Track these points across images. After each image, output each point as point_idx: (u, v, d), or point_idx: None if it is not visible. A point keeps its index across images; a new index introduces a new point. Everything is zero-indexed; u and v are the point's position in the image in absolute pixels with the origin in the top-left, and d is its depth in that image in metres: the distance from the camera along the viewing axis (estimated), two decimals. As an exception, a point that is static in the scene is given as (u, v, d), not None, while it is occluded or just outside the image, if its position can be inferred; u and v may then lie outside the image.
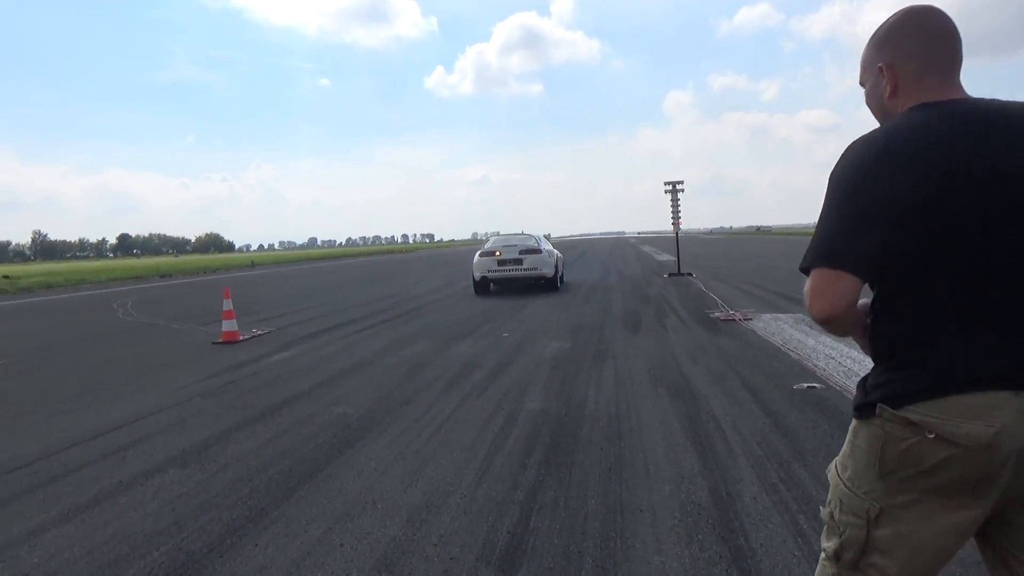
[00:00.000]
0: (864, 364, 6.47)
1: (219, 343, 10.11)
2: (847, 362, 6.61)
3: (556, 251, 17.40)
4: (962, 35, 1.59)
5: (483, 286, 16.06)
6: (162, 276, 39.56)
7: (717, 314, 10.53)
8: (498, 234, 17.69)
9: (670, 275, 19.78)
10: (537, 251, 15.64)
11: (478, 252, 16.00)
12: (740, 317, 9.94)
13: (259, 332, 11.00)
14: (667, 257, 34.12)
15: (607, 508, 3.46)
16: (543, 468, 4.07)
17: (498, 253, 15.62)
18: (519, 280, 15.84)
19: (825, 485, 3.50)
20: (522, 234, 17.24)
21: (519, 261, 15.49)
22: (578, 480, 3.86)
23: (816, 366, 6.49)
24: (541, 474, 3.98)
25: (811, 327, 8.85)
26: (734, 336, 8.48)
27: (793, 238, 72.98)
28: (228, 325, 10.32)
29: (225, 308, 10.44)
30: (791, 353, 7.18)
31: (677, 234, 20.35)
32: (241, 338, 10.30)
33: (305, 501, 3.76)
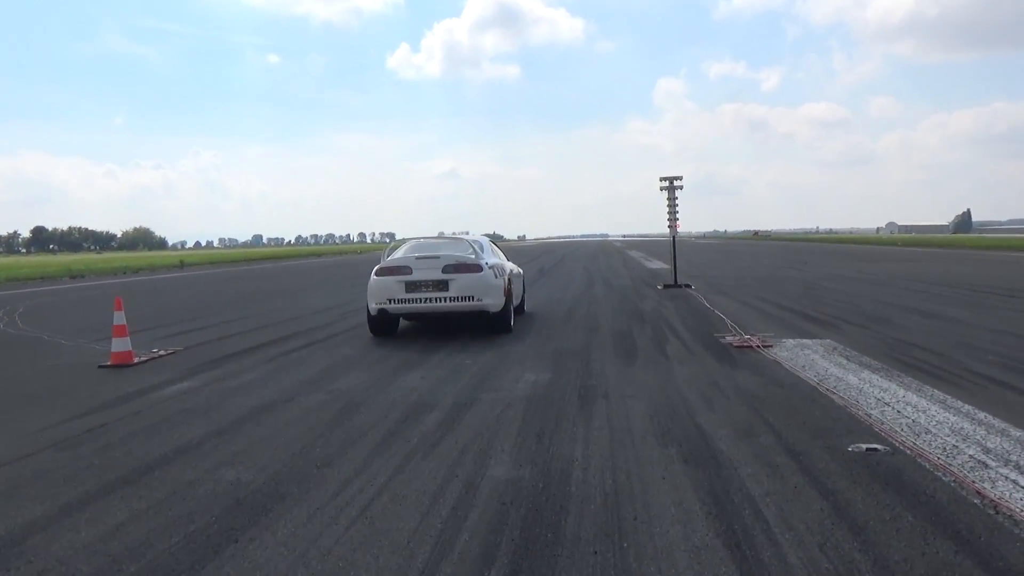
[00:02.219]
0: (930, 414, 5.56)
1: (106, 366, 8.96)
2: (908, 411, 5.69)
3: (511, 265, 12.55)
4: (983, 23, 0.61)
5: (383, 323, 10.83)
6: (73, 277, 37.92)
7: (729, 338, 9.61)
8: (418, 240, 12.16)
9: (665, 286, 18.96)
10: (473, 267, 10.42)
11: (376, 267, 10.77)
12: (758, 343, 9.02)
13: (161, 352, 9.85)
14: (658, 264, 33.42)
15: None
16: (510, 589, 3.05)
17: (408, 270, 10.43)
18: (442, 315, 10.79)
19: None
20: (452, 238, 12.04)
21: (442, 285, 10.25)
22: (562, 614, 2.84)
23: (870, 416, 5.55)
24: (507, 600, 2.96)
25: (848, 358, 7.96)
26: (754, 369, 7.54)
27: (795, 244, 73.08)
28: (119, 344, 9.16)
29: (116, 322, 9.27)
30: (832, 396, 6.25)
31: (674, 238, 19.51)
32: (136, 360, 9.16)
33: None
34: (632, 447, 4.99)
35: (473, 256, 10.68)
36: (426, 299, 10.25)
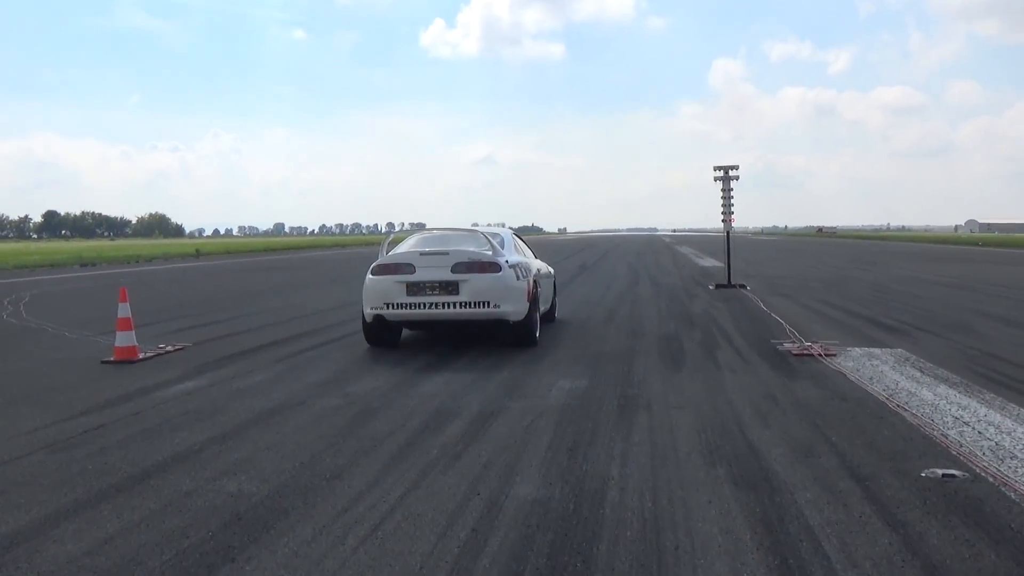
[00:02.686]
0: (1016, 436, 5.33)
1: (109, 362, 9.01)
2: (990, 432, 5.46)
3: (538, 263, 11.33)
4: None
5: (380, 331, 9.62)
6: (83, 264, 38.63)
7: (787, 345, 9.39)
8: (425, 232, 11.13)
9: (717, 286, 18.72)
10: (490, 266, 9.19)
11: (373, 264, 9.62)
12: (820, 351, 8.79)
13: (168, 348, 9.90)
14: (711, 262, 33.08)
15: None
16: (532, 626, 2.93)
17: (411, 269, 9.25)
18: (451, 323, 9.58)
19: None
20: (466, 231, 10.81)
21: (451, 287, 9.04)
22: (590, 658, 2.71)
23: (947, 437, 5.33)
24: (528, 639, 2.84)
25: (923, 370, 7.71)
26: (816, 381, 7.33)
27: (864, 242, 71.94)
28: (123, 338, 9.21)
29: (120, 314, 9.33)
30: (904, 412, 6.03)
31: (728, 233, 19.23)
32: (141, 356, 9.20)
33: None
34: (676, 466, 4.84)
35: (490, 252, 9.38)
36: (431, 304, 9.03)
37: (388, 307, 9.18)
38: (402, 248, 10.07)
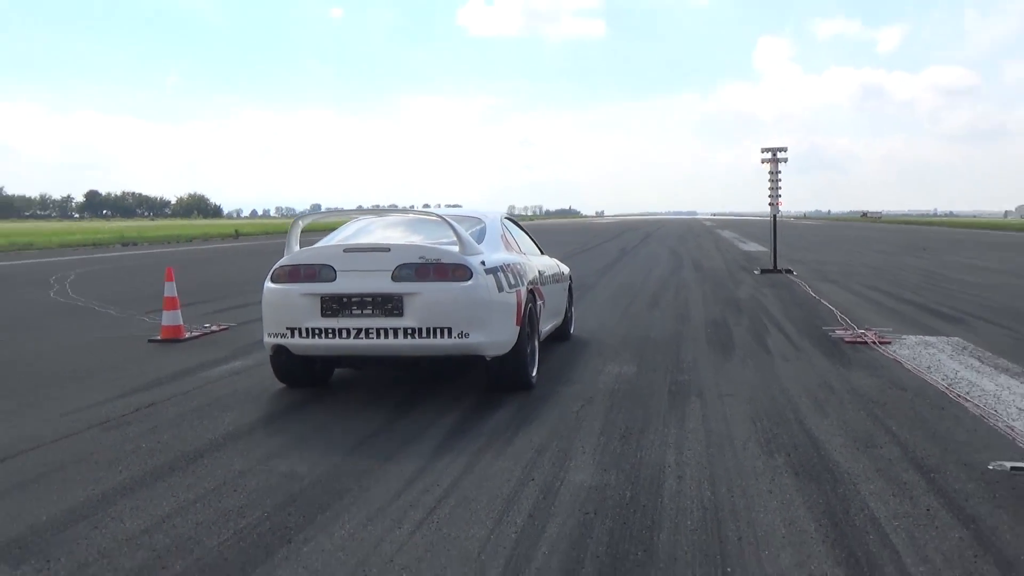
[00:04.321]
0: (1086, 428, 5.18)
1: (157, 341, 9.13)
2: (1058, 424, 5.32)
3: (541, 262, 8.07)
4: None
5: (289, 367, 6.41)
6: (125, 244, 39.25)
7: (839, 332, 9.24)
8: (365, 214, 7.79)
9: (762, 271, 18.52)
10: (454, 270, 5.90)
11: (274, 267, 6.42)
12: (874, 339, 8.64)
13: (214, 328, 10.00)
14: (755, 247, 32.73)
15: None
16: (596, 615, 2.90)
17: (329, 274, 5.99)
18: (386, 360, 6.43)
19: None
20: (426, 216, 7.05)
21: (391, 303, 5.82)
22: (658, 649, 2.68)
23: (1012, 429, 5.20)
24: (592, 628, 2.81)
25: (981, 359, 7.54)
26: (871, 369, 7.19)
27: (911, 228, 70.72)
28: (170, 317, 9.31)
29: (167, 293, 9.44)
30: (965, 403, 5.90)
31: (775, 217, 18.99)
32: (187, 335, 9.31)
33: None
34: (733, 454, 4.78)
35: (455, 248, 6.04)
36: (360, 331, 5.79)
37: (293, 334, 5.93)
38: (322, 241, 6.78)
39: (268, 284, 6.29)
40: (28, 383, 7.06)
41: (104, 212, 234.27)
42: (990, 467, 4.46)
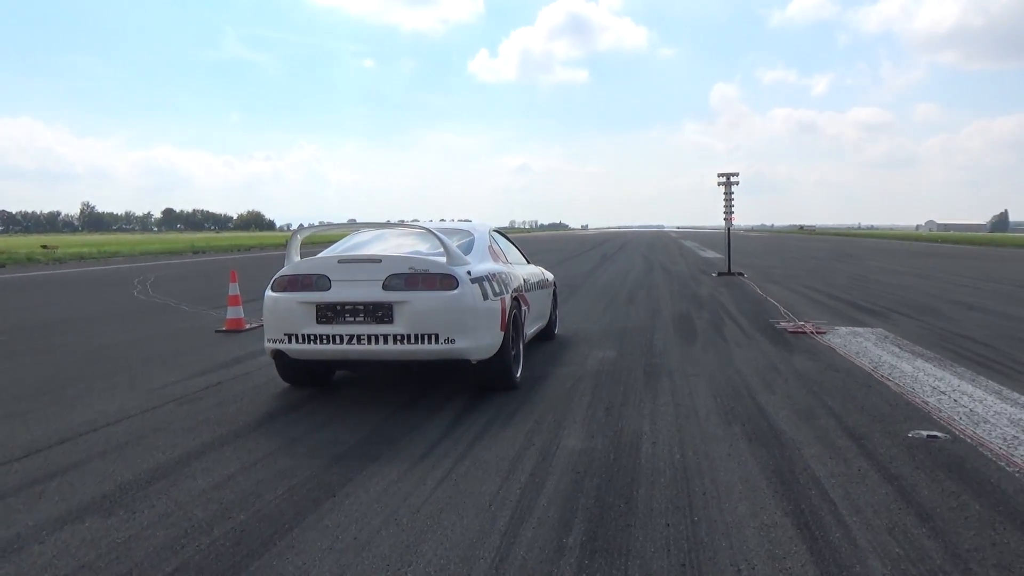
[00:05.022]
0: (987, 404, 5.15)
1: (222, 331, 9.09)
2: (964, 400, 5.28)
3: (526, 271, 7.36)
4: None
5: (293, 368, 5.83)
6: (195, 252, 39.16)
7: (783, 324, 9.19)
8: (358, 227, 7.03)
9: (719, 274, 18.45)
10: (442, 280, 5.32)
11: (274, 277, 5.71)
12: (812, 329, 8.60)
13: (269, 320, 9.95)
14: (712, 254, 32.62)
15: (688, 652, 2.25)
16: (587, 556, 2.87)
17: (324, 283, 5.39)
18: (380, 361, 5.57)
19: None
20: (415, 228, 6.53)
21: (381, 311, 5.24)
22: (639, 584, 2.65)
23: (927, 403, 5.17)
24: (586, 566, 2.78)
25: (900, 347, 7.50)
26: (810, 354, 7.16)
27: (840, 238, 70.48)
28: (233, 312, 9.28)
29: (231, 292, 9.41)
30: (888, 383, 5.86)
31: (729, 230, 18.94)
32: (247, 327, 9.27)
33: (246, 593, 2.62)
34: (697, 424, 4.75)
35: (442, 259, 5.51)
36: (352, 337, 5.26)
37: (291, 340, 5.42)
38: (321, 253, 6.03)
39: (269, 292, 5.62)
40: (120, 365, 7.02)
41: (178, 226, 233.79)
42: (910, 435, 4.44)
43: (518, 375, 5.99)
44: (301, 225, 6.88)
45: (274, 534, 3.12)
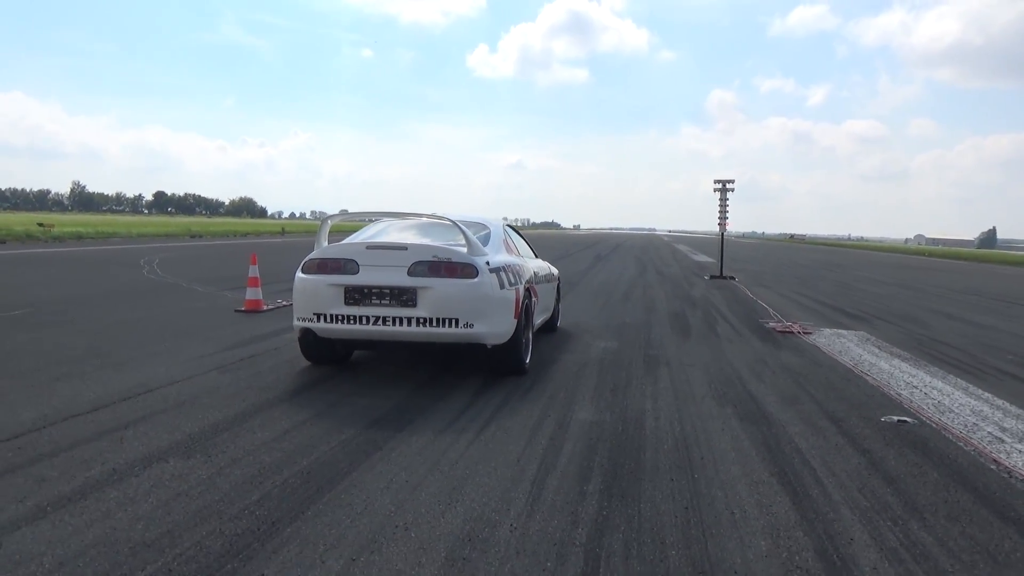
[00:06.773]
0: (953, 397, 5.74)
1: (241, 311, 9.57)
2: (934, 393, 5.88)
3: (535, 264, 7.73)
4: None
5: (317, 347, 6.24)
6: (192, 236, 39.46)
7: (772, 324, 9.79)
8: (386, 216, 7.20)
9: (711, 277, 19.04)
10: (463, 269, 5.70)
11: (305, 259, 6.04)
12: (798, 330, 9.19)
13: (284, 303, 10.43)
14: (704, 258, 33.28)
15: (693, 566, 2.81)
16: (606, 499, 3.43)
17: (352, 267, 5.78)
18: (402, 342, 5.87)
19: (966, 563, 2.86)
20: (439, 220, 6.59)
21: (406, 295, 5.62)
22: (650, 520, 3.20)
23: (900, 395, 5.76)
24: (605, 507, 3.33)
25: (880, 348, 8.10)
26: (796, 351, 7.75)
27: (829, 248, 71.45)
28: (252, 293, 9.77)
29: (251, 274, 9.90)
30: (866, 377, 6.45)
31: (723, 235, 19.54)
32: (265, 308, 9.76)
33: (324, 517, 3.15)
34: (694, 404, 5.31)
35: (463, 249, 5.86)
36: (377, 319, 5.61)
37: (319, 319, 5.78)
38: (348, 241, 6.26)
39: (299, 274, 5.98)
40: (152, 337, 7.46)
41: (169, 209, 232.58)
42: (882, 419, 5.02)
43: (527, 360, 6.41)
44: (338, 214, 7.33)
45: (336, 475, 3.65)
